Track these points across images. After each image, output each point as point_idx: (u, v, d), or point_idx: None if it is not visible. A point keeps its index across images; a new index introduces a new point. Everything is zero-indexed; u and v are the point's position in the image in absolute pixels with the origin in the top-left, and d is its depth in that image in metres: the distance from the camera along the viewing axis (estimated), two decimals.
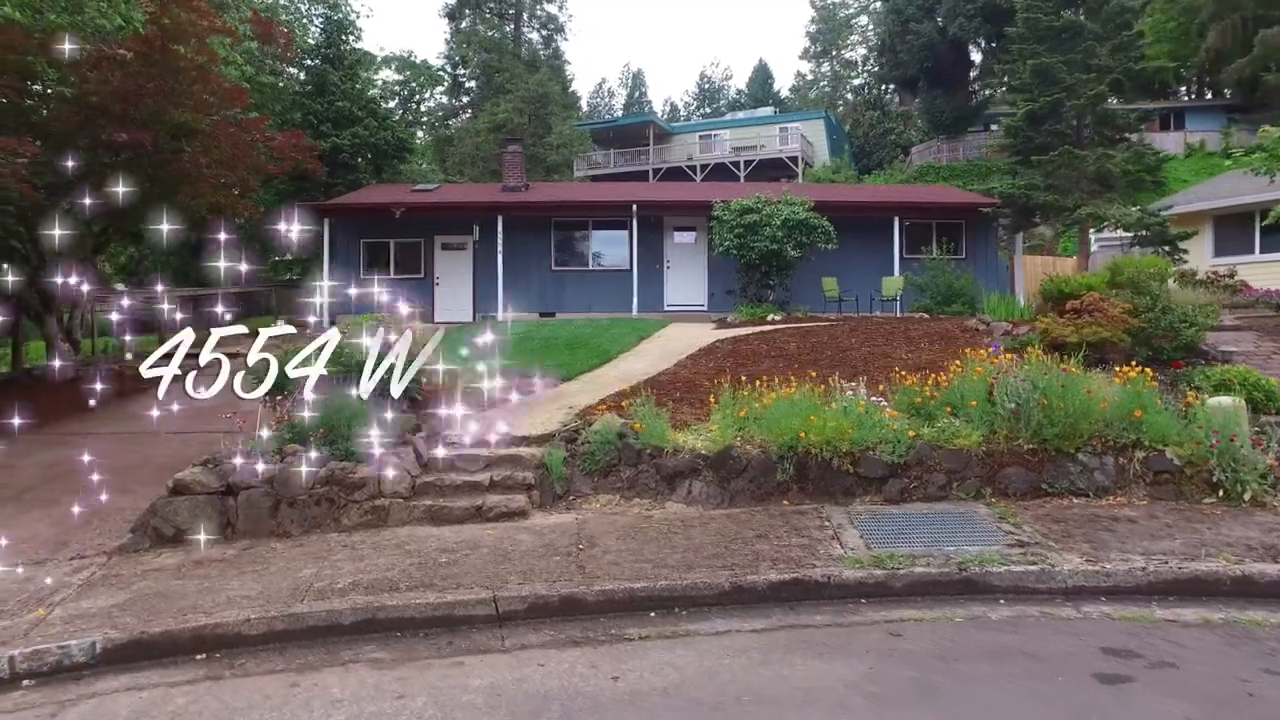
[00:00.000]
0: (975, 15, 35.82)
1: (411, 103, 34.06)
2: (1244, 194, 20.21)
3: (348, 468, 7.00)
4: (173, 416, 10.67)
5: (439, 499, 7.23)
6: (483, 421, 8.91)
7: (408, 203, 19.65)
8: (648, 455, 7.84)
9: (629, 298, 20.28)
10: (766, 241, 17.52)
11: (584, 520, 7.07)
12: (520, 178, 23.06)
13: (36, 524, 6.95)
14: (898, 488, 7.56)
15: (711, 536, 6.46)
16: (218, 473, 6.78)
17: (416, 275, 20.86)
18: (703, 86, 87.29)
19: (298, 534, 6.75)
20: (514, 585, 5.38)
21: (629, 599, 5.34)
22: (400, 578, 5.55)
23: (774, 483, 7.61)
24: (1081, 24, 16.65)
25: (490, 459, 7.79)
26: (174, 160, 10.74)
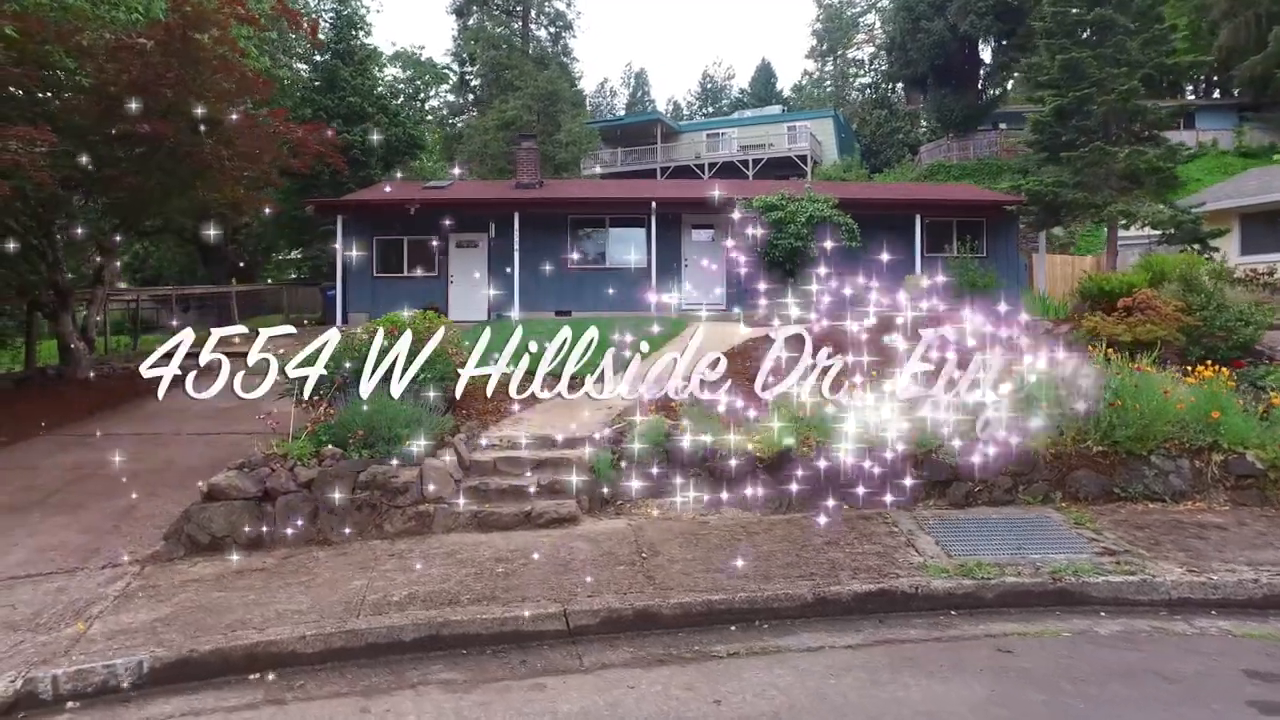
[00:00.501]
0: (987, 13, 35.54)
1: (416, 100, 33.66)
2: (1273, 191, 19.94)
3: (390, 471, 6.66)
4: (192, 417, 10.39)
5: (484, 504, 6.89)
6: (522, 423, 8.59)
7: (423, 199, 19.30)
8: (699, 458, 7.50)
9: (647, 296, 19.93)
10: (790, 239, 17.20)
11: (638, 526, 6.73)
12: (535, 175, 22.71)
13: (64, 530, 6.60)
14: (962, 491, 7.24)
15: (779, 543, 6.13)
16: (254, 477, 6.44)
17: (430, 273, 20.50)
18: (705, 86, 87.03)
19: (339, 541, 6.40)
20: (583, 598, 5.04)
21: (707, 612, 5.01)
22: (458, 590, 5.21)
23: (833, 487, 7.27)
24: (1112, 18, 16.31)
25: (535, 462, 7.45)
26: (194, 153, 10.38)
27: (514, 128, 32.93)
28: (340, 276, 19.36)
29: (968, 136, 40.41)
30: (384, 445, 6.80)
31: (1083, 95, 16.39)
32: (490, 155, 33.10)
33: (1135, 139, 16.66)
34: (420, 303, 20.21)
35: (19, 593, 5.43)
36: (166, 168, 10.26)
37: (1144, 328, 9.50)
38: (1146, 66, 16.31)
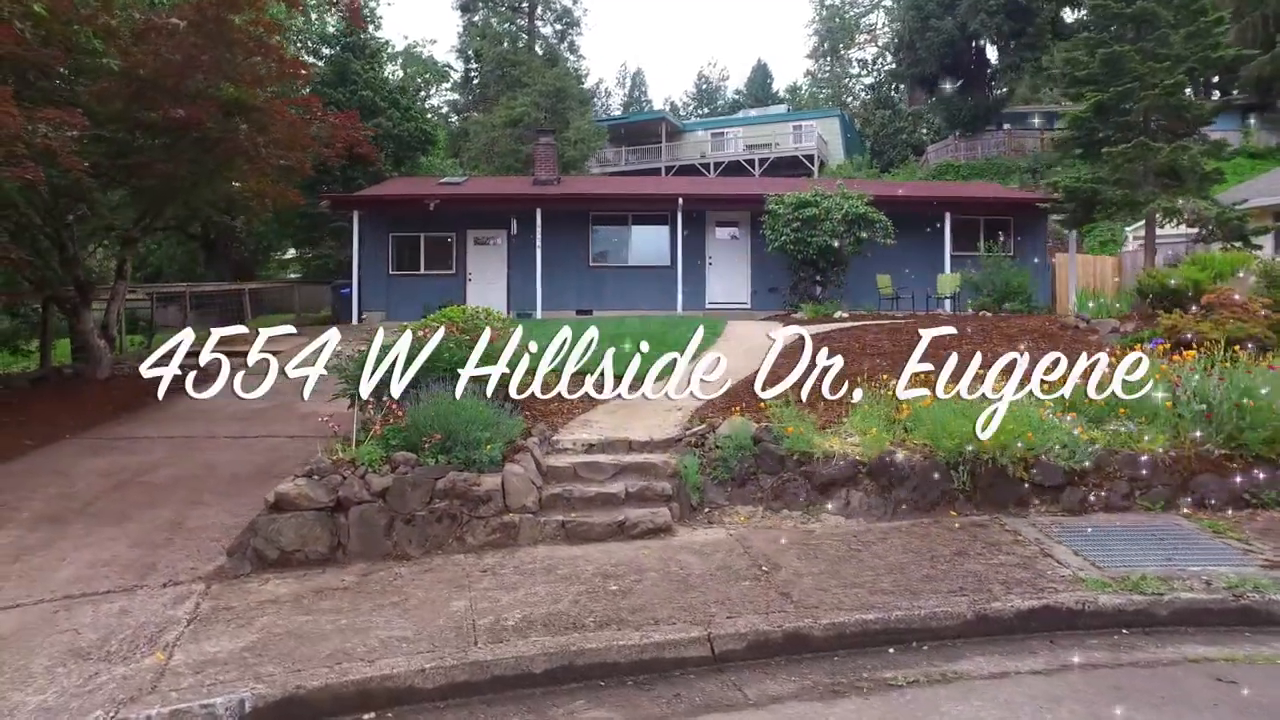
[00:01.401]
0: (997, 11, 35.29)
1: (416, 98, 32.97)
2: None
3: (470, 479, 6.11)
4: (224, 419, 9.78)
5: (570, 513, 6.35)
6: (589, 425, 8.06)
7: (441, 194, 18.74)
8: (793, 462, 6.99)
9: (671, 295, 19.44)
10: (825, 236, 16.76)
11: (741, 536, 6.21)
12: (553, 171, 22.18)
13: (113, 543, 6.01)
14: (1076, 497, 6.75)
15: (904, 555, 5.63)
16: (325, 486, 5.87)
17: (447, 271, 19.95)
18: (700, 86, 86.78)
19: (418, 555, 5.85)
20: (722, 620, 4.52)
21: (861, 633, 4.50)
22: (577, 612, 4.67)
23: (939, 492, 6.80)
24: (1155, 11, 15.92)
25: (618, 467, 6.92)
26: (229, 139, 9.77)
27: (522, 125, 32.39)
28: (356, 274, 18.74)
29: (976, 136, 40.17)
30: (462, 450, 6.24)
31: (1125, 90, 15.98)
32: (498, 153, 32.50)
33: (1173, 135, 16.25)
34: (437, 301, 19.64)
35: (79, 614, 4.85)
36: (197, 155, 9.64)
37: (1234, 325, 9.07)
38: (1190, 60, 15.92)
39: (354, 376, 7.04)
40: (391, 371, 6.95)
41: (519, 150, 32.68)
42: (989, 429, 6.54)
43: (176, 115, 8.81)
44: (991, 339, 11.34)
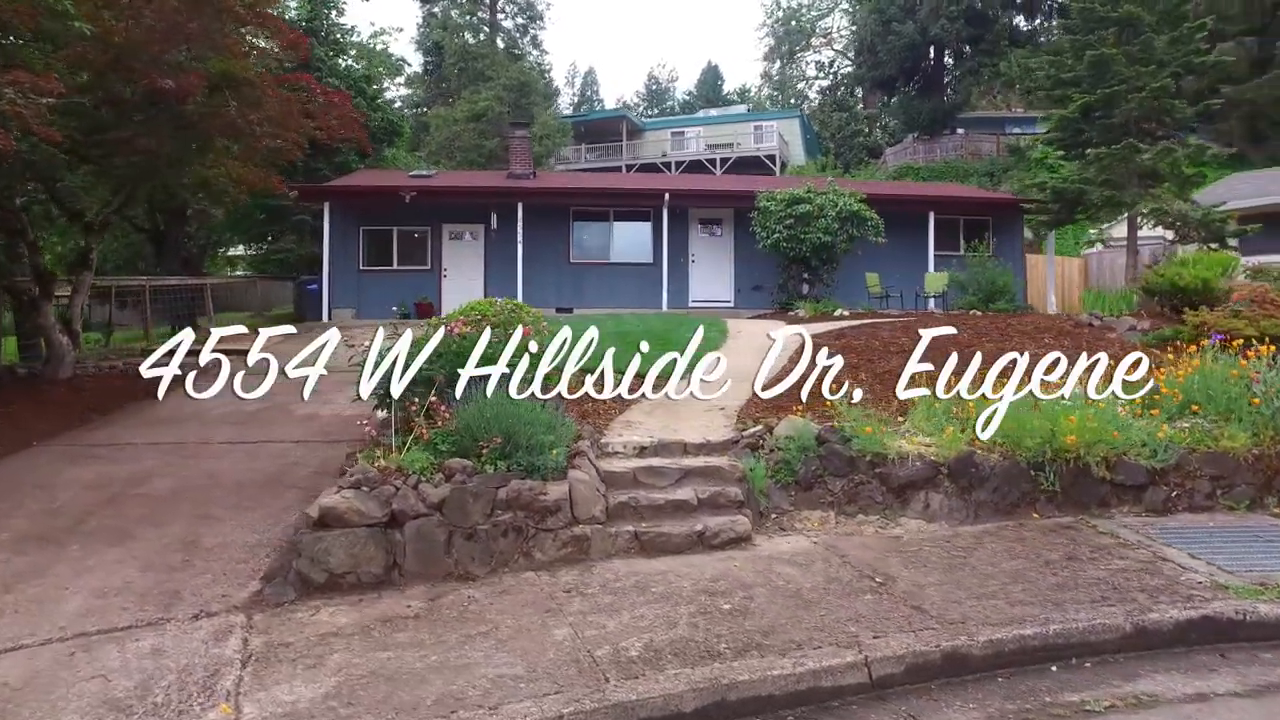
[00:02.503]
0: (957, 18, 35.87)
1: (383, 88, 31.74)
2: (1270, 194, 20.32)
3: (535, 488, 5.48)
4: (215, 422, 8.88)
5: (640, 523, 5.79)
6: (632, 426, 7.49)
7: (418, 187, 17.84)
8: (865, 464, 6.55)
9: (654, 292, 18.95)
10: (819, 233, 16.49)
11: (828, 544, 5.73)
12: (528, 165, 21.46)
13: (120, 567, 5.19)
14: (1159, 497, 6.49)
15: (1015, 561, 5.24)
16: (377, 498, 5.16)
17: (422, 266, 19.06)
18: (650, 87, 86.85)
19: (482, 574, 5.20)
20: (870, 641, 4.02)
21: (1019, 650, 4.07)
22: (703, 637, 4.11)
23: (1019, 493, 6.45)
24: (1139, 15, 16.13)
25: (681, 472, 6.37)
26: (219, 115, 8.85)
27: (485, 120, 31.51)
28: (326, 269, 17.71)
29: (934, 140, 40.80)
30: (524, 455, 5.60)
31: (1112, 93, 16.14)
32: (460, 148, 31.54)
33: (1156, 138, 16.49)
34: (411, 298, 18.80)
35: (104, 656, 4.07)
36: (183, 131, 8.67)
37: (1269, 321, 9.01)
38: (1174, 65, 16.18)
39: (386, 375, 6.33)
40: (420, 371, 6.31)
41: (482, 145, 31.80)
42: (1072, 428, 6.24)
43: (165, 86, 7.87)
44: (1010, 337, 11.16)
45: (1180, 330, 10.27)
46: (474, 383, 6.33)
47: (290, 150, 10.34)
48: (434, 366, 6.41)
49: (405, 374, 6.26)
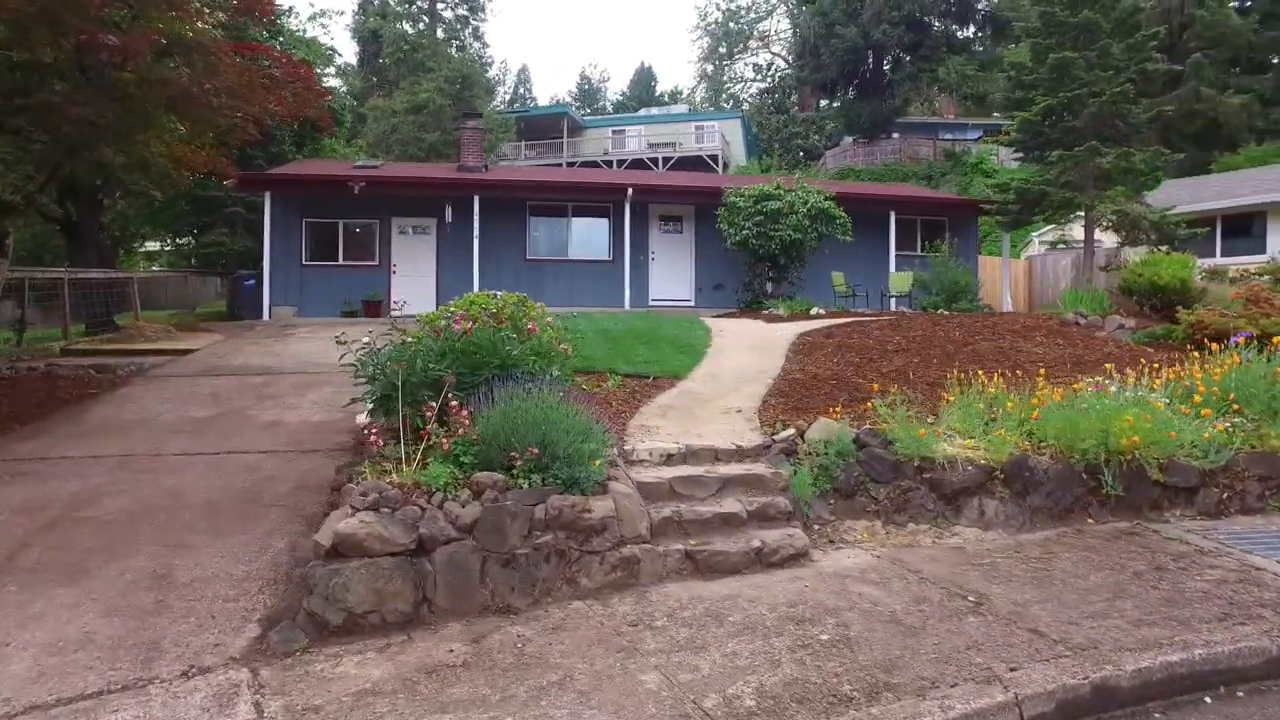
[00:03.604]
0: (899, 24, 36.43)
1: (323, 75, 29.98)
2: (1204, 200, 21.08)
3: (578, 504, 4.80)
4: (163, 431, 7.81)
5: (689, 540, 5.17)
6: (652, 432, 6.86)
7: (367, 177, 16.72)
8: (912, 469, 6.10)
9: (615, 290, 18.35)
10: (790, 230, 16.16)
11: (893, 558, 5.24)
12: (479, 157, 20.51)
13: (76, 612, 4.27)
14: (1211, 499, 6.26)
15: (1101, 573, 4.85)
16: (401, 521, 4.39)
17: (370, 262, 17.94)
18: (582, 87, 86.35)
19: (524, 606, 4.49)
20: (1006, 674, 3.52)
21: (1166, 678, 3.65)
22: (819, 677, 3.53)
23: (1072, 497, 6.12)
24: (1097, 22, 16.40)
25: (720, 481, 5.78)
26: (170, 81, 7.75)
27: (426, 112, 30.28)
28: (267, 264, 16.41)
29: (873, 143, 41.41)
30: (563, 467, 4.91)
31: (1074, 96, 16.36)
32: (398, 140, 30.20)
33: (1114, 141, 16.80)
34: (359, 295, 17.64)
35: None
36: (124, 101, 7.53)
37: (1268, 320, 9.02)
38: (1129, 71, 16.51)
39: (389, 376, 5.54)
40: (426, 372, 5.56)
41: (422, 139, 30.55)
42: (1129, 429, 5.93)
43: (107, 43, 6.78)
44: (1003, 335, 11.01)
45: (1171, 329, 10.27)
46: (485, 385, 5.63)
47: (246, 128, 9.27)
48: (440, 366, 5.67)
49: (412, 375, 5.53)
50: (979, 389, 6.95)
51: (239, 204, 20.00)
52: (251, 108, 8.86)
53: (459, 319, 6.20)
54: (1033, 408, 6.54)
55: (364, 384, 5.99)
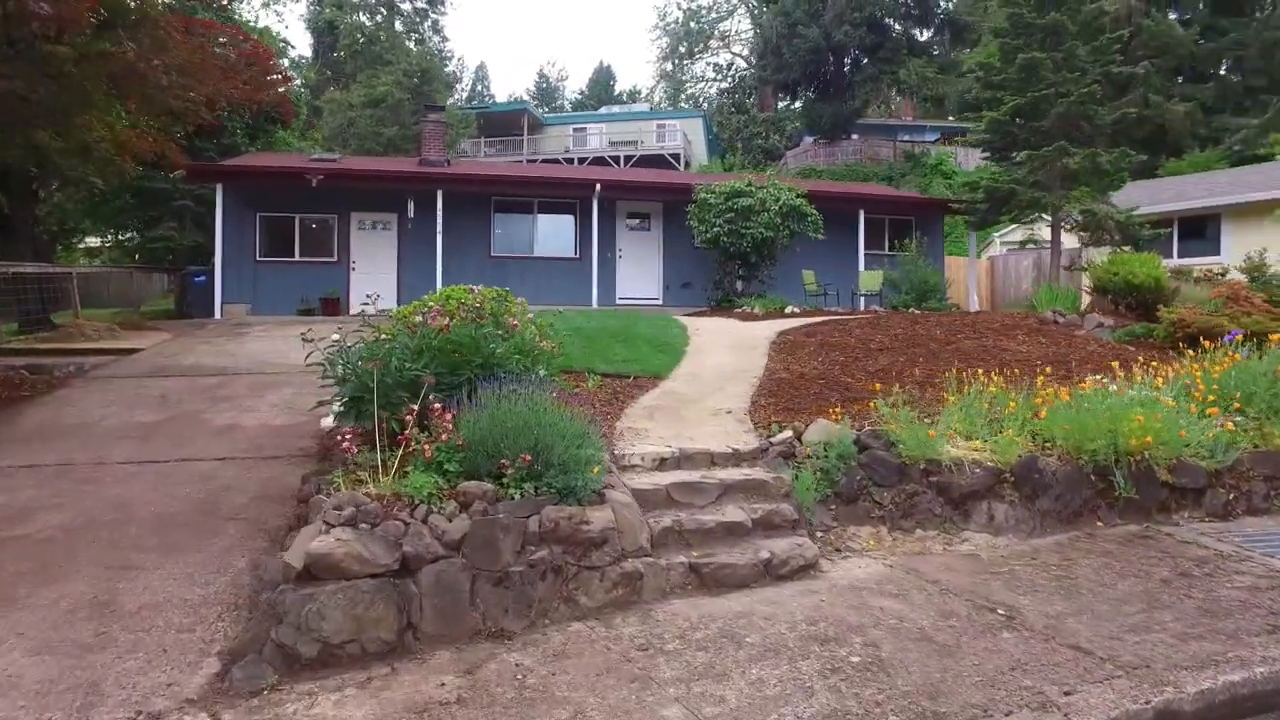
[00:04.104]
0: (860, 25, 36.64)
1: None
2: (1162, 202, 21.45)
3: (575, 515, 4.39)
4: (106, 437, 7.16)
5: (692, 551, 4.80)
6: (642, 435, 6.48)
7: (325, 169, 16.01)
8: (918, 472, 5.82)
9: (582, 288, 17.91)
10: (762, 228, 15.90)
11: (908, 568, 4.94)
12: (442, 151, 19.88)
13: (4, 650, 3.72)
14: (1219, 500, 6.11)
15: (1128, 581, 4.62)
16: (382, 538, 3.93)
17: (328, 258, 17.21)
18: (541, 86, 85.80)
19: (519, 629, 4.07)
20: (1060, 698, 3.22)
21: (1230, 699, 3.41)
22: (860, 709, 3.19)
23: (1080, 500, 5.90)
24: (1064, 24, 16.51)
25: (721, 487, 5.42)
26: (110, 57, 7.08)
27: (384, 106, 29.46)
28: (219, 260, 15.60)
29: (834, 144, 41.62)
30: (558, 475, 4.49)
31: (1041, 96, 16.43)
32: (356, 135, 29.33)
33: (1081, 142, 16.92)
34: (316, 293, 16.91)
35: None
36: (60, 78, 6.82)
37: (1250, 319, 9.00)
38: (1094, 73, 16.64)
39: (361, 376, 5.06)
40: (402, 372, 5.10)
41: (380, 133, 29.72)
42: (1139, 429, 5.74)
43: (39, 11, 6.11)
44: (985, 334, 10.87)
45: (1151, 328, 10.23)
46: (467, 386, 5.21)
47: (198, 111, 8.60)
48: (418, 366, 5.21)
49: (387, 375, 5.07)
50: (979, 388, 6.71)
51: (187, 197, 19.05)
52: (205, 88, 8.22)
53: (436, 315, 5.75)
54: (1037, 407, 6.32)
55: (332, 385, 5.49)
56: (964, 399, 6.49)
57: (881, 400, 6.26)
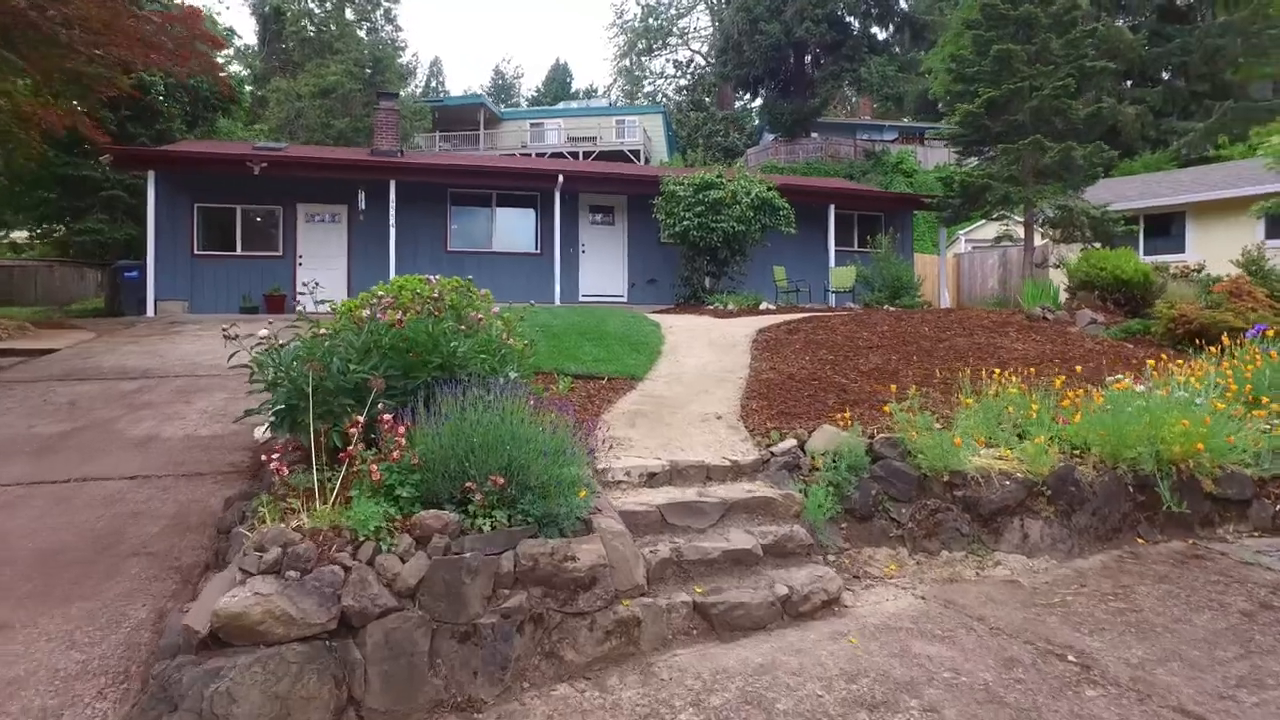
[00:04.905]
0: (821, 21, 36.36)
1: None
2: (1127, 199, 21.39)
3: (558, 550, 3.58)
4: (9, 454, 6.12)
5: (694, 586, 4.03)
6: (624, 445, 5.69)
7: (268, 157, 14.86)
8: (941, 485, 5.15)
9: (544, 284, 17.07)
10: (733, 221, 15.22)
11: (946, 600, 4.24)
12: (395, 141, 18.81)
13: None
14: (1266, 512, 5.58)
15: (1202, 614, 3.99)
16: (316, 590, 3.06)
17: (273, 253, 16.05)
18: (497, 83, 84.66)
19: (493, 698, 3.25)
20: None
21: None
22: None
23: (1119, 514, 5.29)
24: (1036, 15, 16.19)
25: (723, 507, 4.67)
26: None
27: (334, 96, 28.16)
28: (151, 254, 14.35)
29: (794, 141, 41.31)
30: (535, 501, 3.68)
31: (1016, 89, 16.07)
32: (305, 126, 27.96)
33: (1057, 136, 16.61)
34: (259, 289, 15.74)
35: None
36: None
37: (1255, 314, 8.57)
38: (1068, 66, 16.34)
39: (296, 380, 4.19)
40: (346, 374, 4.26)
41: (330, 124, 28.41)
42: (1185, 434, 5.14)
43: None
44: (974, 332, 10.34)
45: (1148, 324, 9.79)
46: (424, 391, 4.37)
47: (114, 79, 7.50)
48: (364, 367, 4.36)
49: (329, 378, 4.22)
50: (995, 389, 6.08)
51: (119, 186, 17.65)
52: (119, 51, 7.15)
53: (386, 307, 4.89)
54: (1064, 410, 5.70)
55: (263, 390, 4.60)
56: (983, 402, 5.84)
57: (895, 404, 5.57)
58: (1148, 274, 11.40)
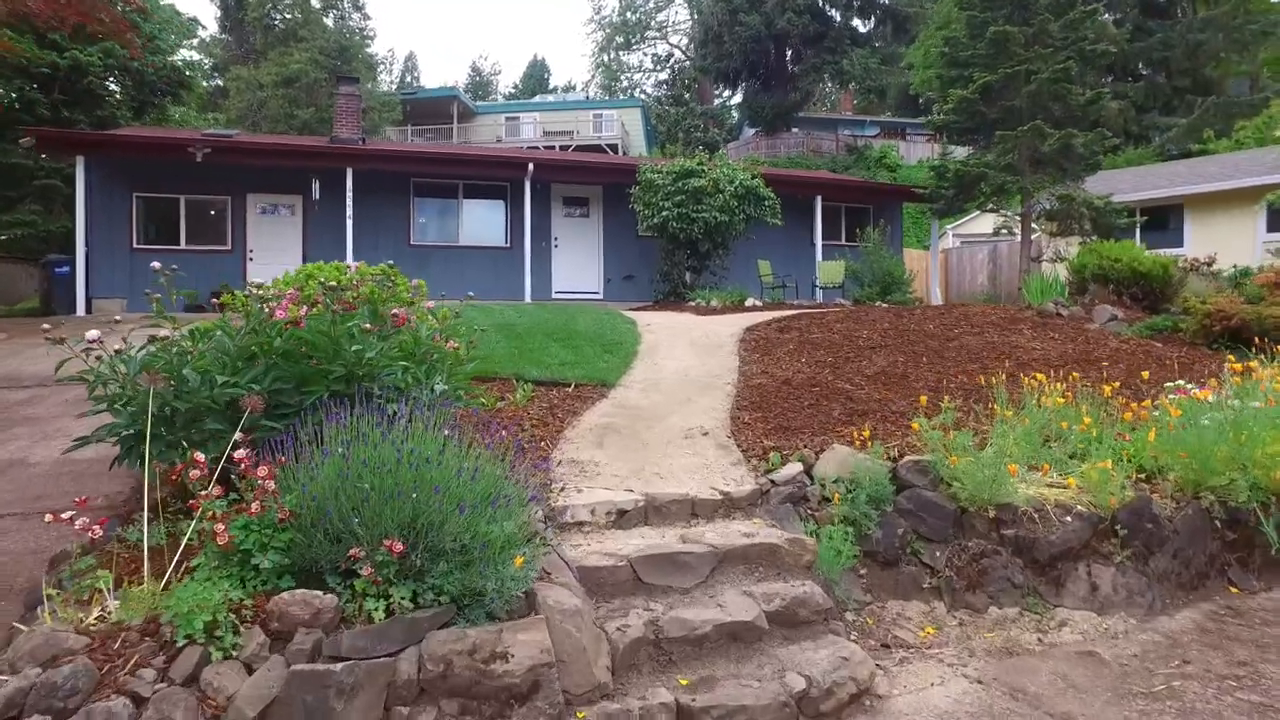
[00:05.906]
0: (803, 12, 35.50)
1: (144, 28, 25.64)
2: (1122, 192, 20.64)
3: (481, 644, 2.49)
4: None
5: (676, 678, 2.96)
6: (589, 472, 4.61)
7: (214, 143, 13.59)
8: (985, 523, 4.12)
9: (514, 280, 15.89)
10: (715, 212, 14.16)
11: (1010, 686, 3.19)
12: (356, 127, 17.53)
13: None
14: None
15: None
16: None
17: (220, 247, 14.77)
18: (474, 79, 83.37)
19: None
20: None
21: None
22: None
23: (1205, 557, 4.28)
24: None
25: (715, 557, 3.60)
26: None
27: (298, 85, 26.84)
28: (82, 248, 13.03)
29: (775, 136, 40.46)
30: (453, 572, 2.58)
31: (1012, 73, 15.17)
32: (267, 116, 26.62)
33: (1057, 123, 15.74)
34: (207, 284, 14.39)
35: None
36: None
37: None
38: (1068, 49, 15.47)
39: (134, 398, 3.09)
40: (212, 390, 3.17)
41: (294, 115, 27.06)
42: None
43: None
44: (985, 330, 9.37)
45: (1176, 320, 8.87)
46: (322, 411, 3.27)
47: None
48: (241, 380, 3.26)
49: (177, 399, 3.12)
50: (1035, 400, 5.05)
51: (55, 176, 16.28)
52: None
53: (288, 302, 3.78)
54: (1121, 425, 4.69)
55: (104, 409, 3.51)
56: (1026, 414, 4.81)
57: (924, 419, 4.52)
58: (1167, 267, 10.51)
